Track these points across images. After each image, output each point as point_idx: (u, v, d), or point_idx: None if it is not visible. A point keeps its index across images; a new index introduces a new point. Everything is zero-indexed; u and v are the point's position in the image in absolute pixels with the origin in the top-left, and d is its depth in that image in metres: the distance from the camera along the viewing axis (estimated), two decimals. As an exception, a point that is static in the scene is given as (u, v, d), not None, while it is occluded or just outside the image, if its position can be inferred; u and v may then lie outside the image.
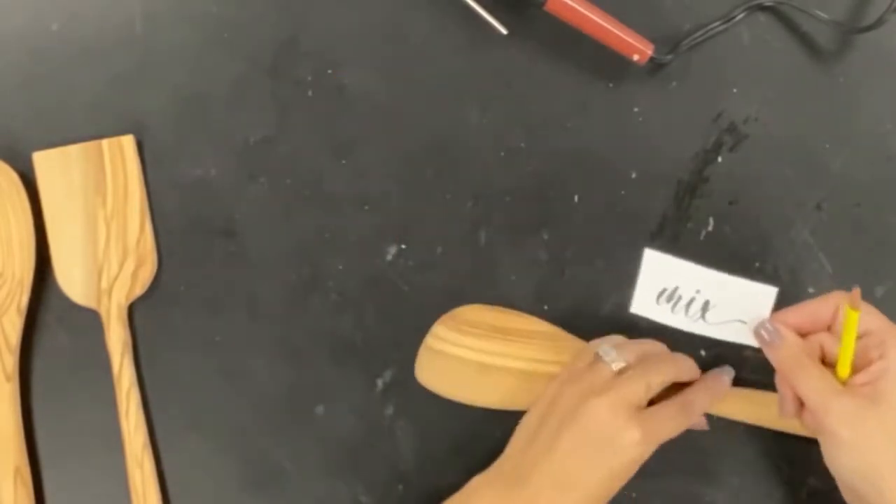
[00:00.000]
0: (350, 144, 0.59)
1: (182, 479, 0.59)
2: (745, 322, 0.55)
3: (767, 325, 0.51)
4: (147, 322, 0.59)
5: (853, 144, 0.58)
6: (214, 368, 0.59)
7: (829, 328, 0.52)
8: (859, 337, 0.49)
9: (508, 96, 0.58)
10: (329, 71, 0.59)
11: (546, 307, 0.58)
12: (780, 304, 0.56)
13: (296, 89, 0.59)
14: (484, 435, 0.58)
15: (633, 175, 0.58)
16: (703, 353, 0.58)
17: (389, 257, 0.59)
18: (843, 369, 0.49)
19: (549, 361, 0.56)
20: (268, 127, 0.59)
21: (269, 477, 0.56)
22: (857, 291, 0.48)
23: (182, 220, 0.59)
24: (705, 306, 0.55)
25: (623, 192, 0.58)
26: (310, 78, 0.59)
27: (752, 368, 0.57)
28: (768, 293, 0.54)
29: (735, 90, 0.58)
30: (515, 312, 0.58)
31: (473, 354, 0.56)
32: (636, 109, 0.58)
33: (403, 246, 0.59)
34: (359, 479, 0.58)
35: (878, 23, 0.55)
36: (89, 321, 0.57)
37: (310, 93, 0.59)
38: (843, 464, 0.48)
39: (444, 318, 0.57)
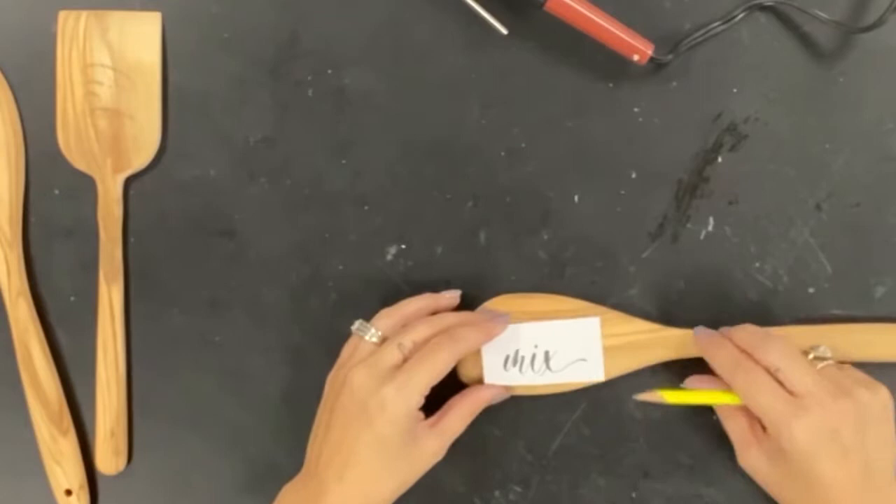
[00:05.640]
0: (350, 144, 0.59)
1: (182, 479, 0.59)
2: (585, 360, 0.55)
3: None
4: (147, 320, 0.59)
5: (853, 144, 0.58)
6: (214, 368, 0.59)
7: None
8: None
9: (508, 96, 0.58)
10: (329, 71, 0.59)
11: (546, 307, 0.58)
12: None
13: (296, 89, 0.59)
14: (483, 434, 0.58)
15: (633, 175, 0.58)
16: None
17: (389, 257, 0.59)
18: None
19: None
20: (268, 127, 0.59)
21: (269, 477, 0.56)
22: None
23: (182, 220, 0.59)
24: (546, 357, 0.55)
25: (623, 192, 0.58)
26: (310, 78, 0.59)
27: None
28: (592, 324, 0.54)
29: (735, 90, 0.58)
30: (541, 295, 0.57)
31: None
32: (636, 109, 0.58)
33: (403, 246, 0.59)
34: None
35: (878, 23, 0.55)
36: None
37: (310, 93, 0.59)
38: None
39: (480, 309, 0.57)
